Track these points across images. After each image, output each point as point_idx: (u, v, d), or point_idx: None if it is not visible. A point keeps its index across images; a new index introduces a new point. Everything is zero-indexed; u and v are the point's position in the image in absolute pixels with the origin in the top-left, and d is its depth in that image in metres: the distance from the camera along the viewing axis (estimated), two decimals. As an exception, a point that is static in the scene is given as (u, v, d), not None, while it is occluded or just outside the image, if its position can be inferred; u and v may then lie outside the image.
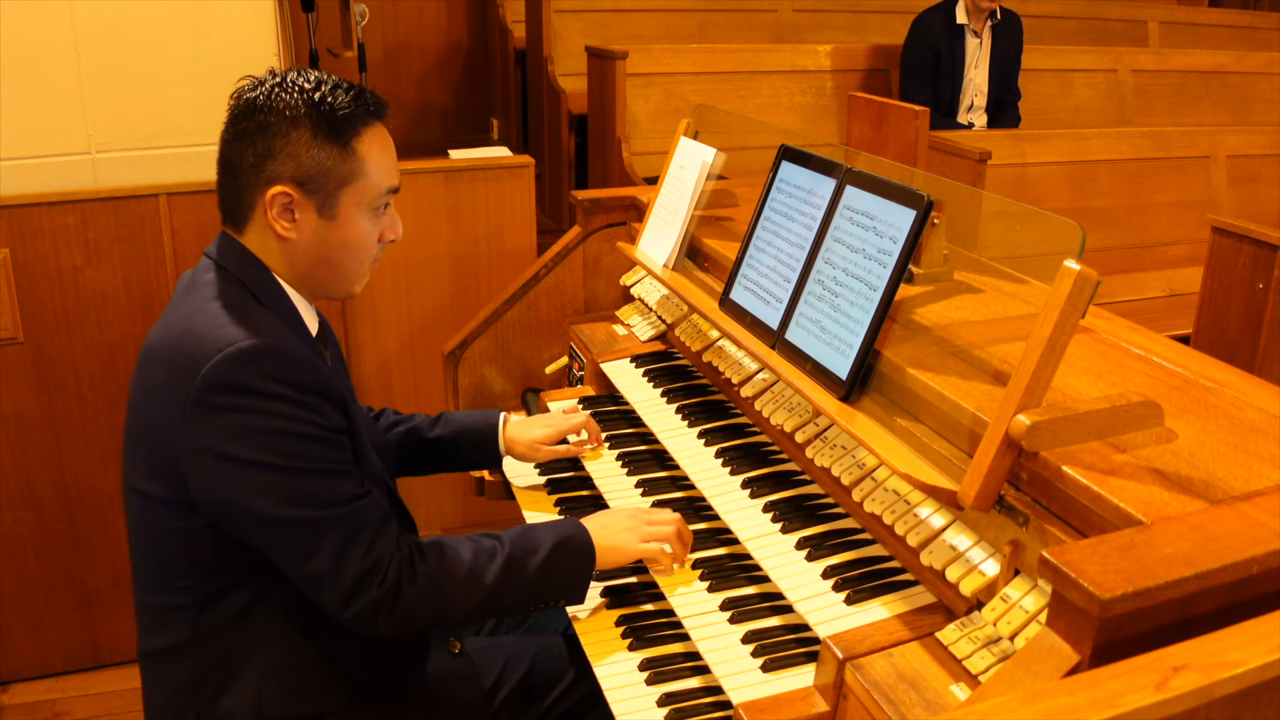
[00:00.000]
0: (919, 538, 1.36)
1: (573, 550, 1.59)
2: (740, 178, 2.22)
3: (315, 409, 1.40)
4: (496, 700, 1.70)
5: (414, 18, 6.04)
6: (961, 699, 1.19)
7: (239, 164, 1.46)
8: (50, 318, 2.62)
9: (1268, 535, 0.96)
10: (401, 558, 1.46)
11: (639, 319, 2.34)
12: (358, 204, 1.49)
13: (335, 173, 1.46)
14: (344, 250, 1.51)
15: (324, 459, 1.41)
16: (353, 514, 1.42)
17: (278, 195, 1.44)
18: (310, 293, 1.56)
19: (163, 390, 1.40)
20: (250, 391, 1.35)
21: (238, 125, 1.46)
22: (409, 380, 3.06)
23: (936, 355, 1.47)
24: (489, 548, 1.54)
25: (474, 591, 1.50)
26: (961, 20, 4.62)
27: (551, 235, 3.24)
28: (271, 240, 1.48)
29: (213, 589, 1.46)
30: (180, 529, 1.43)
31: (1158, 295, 3.90)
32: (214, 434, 1.35)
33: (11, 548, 2.74)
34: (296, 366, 1.39)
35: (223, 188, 1.51)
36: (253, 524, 1.39)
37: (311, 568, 1.40)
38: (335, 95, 1.46)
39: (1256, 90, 5.36)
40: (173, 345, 1.41)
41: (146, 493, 1.45)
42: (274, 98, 1.45)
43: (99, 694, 2.82)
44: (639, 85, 4.41)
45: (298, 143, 1.43)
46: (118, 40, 2.53)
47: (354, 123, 1.47)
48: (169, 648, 1.49)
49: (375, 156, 1.49)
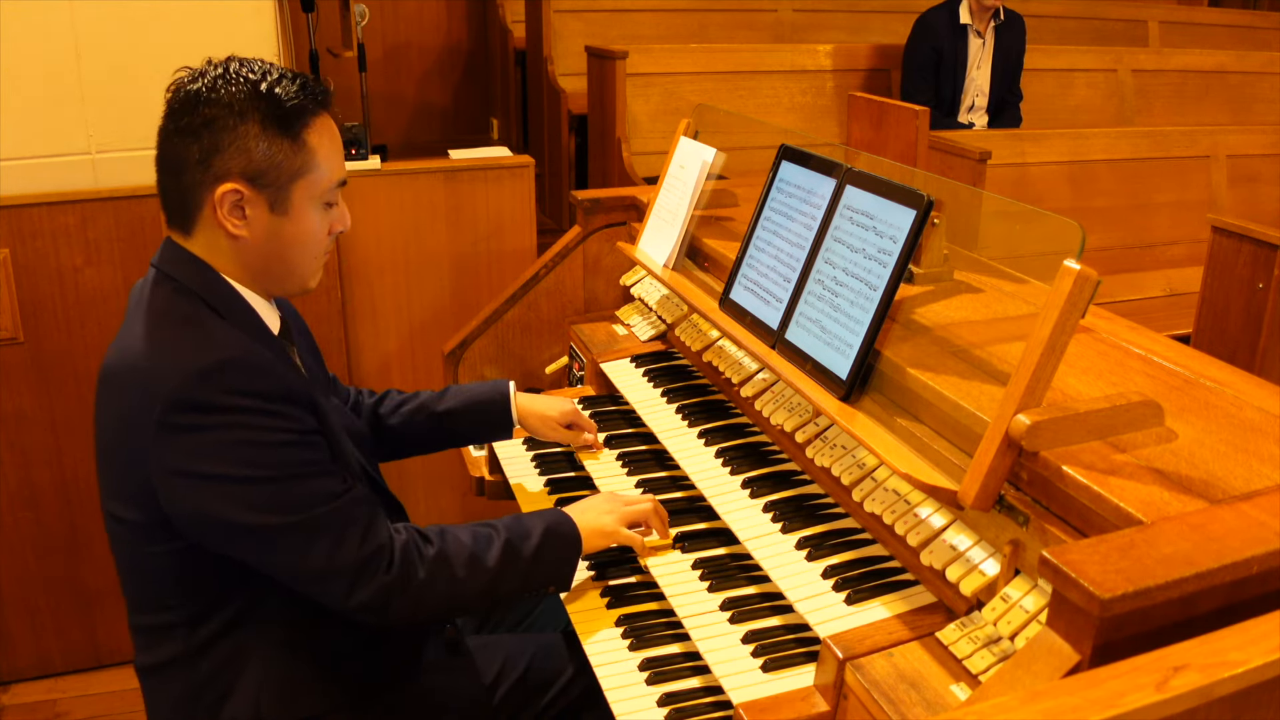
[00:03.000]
0: (919, 537, 1.36)
1: (561, 536, 1.62)
2: (740, 178, 2.22)
3: (284, 415, 1.37)
4: (495, 698, 1.70)
5: (414, 18, 6.03)
6: (962, 699, 1.19)
7: (183, 161, 1.39)
8: (50, 318, 2.62)
9: (1268, 535, 0.96)
10: (405, 541, 1.46)
11: (639, 319, 2.34)
12: (309, 198, 1.44)
13: (286, 166, 1.40)
14: (297, 245, 1.46)
15: (299, 463, 1.39)
16: (339, 510, 1.41)
17: (228, 193, 1.38)
18: (265, 291, 1.51)
19: (125, 415, 1.37)
20: (214, 409, 1.32)
21: (179, 120, 1.39)
22: (409, 380, 3.06)
23: (936, 355, 1.47)
24: (485, 533, 1.56)
25: (478, 573, 1.51)
26: (965, 20, 4.62)
27: (551, 235, 3.25)
28: (222, 240, 1.43)
29: (202, 605, 1.45)
30: (160, 551, 1.41)
31: (1158, 295, 3.90)
32: (184, 455, 1.33)
33: (11, 548, 2.74)
34: (258, 376, 1.36)
35: (165, 188, 1.44)
36: (239, 538, 1.37)
37: (309, 568, 1.39)
38: (282, 85, 1.40)
39: (1256, 90, 5.35)
40: (130, 367, 1.38)
41: (122, 518, 1.43)
42: (218, 89, 1.38)
43: (99, 694, 2.82)
44: (639, 85, 4.41)
45: (246, 136, 1.37)
46: (118, 40, 2.53)
47: (303, 114, 1.41)
48: (165, 663, 1.48)
49: (325, 148, 1.45)
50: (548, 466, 2.07)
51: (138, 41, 2.54)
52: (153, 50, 2.56)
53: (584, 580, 1.71)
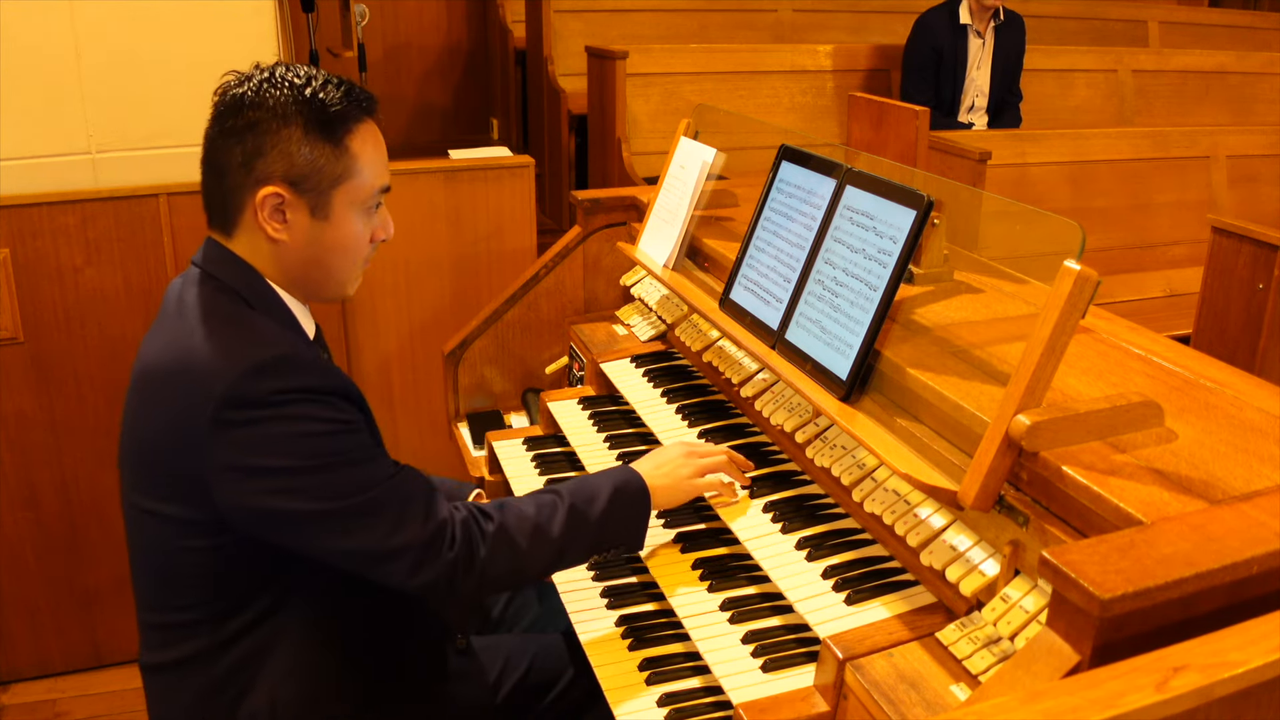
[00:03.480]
0: (919, 538, 1.36)
1: (630, 495, 1.60)
2: (740, 178, 2.22)
3: (334, 406, 1.38)
4: (497, 699, 1.70)
5: (414, 18, 6.04)
6: (961, 699, 1.19)
7: (226, 164, 1.41)
8: (50, 318, 2.62)
9: (1268, 535, 0.96)
10: (466, 518, 1.46)
11: (639, 319, 2.34)
12: (350, 203, 1.46)
13: (328, 172, 1.42)
14: (337, 251, 1.48)
15: (353, 448, 1.40)
16: (396, 488, 1.41)
17: (269, 196, 1.40)
18: (303, 295, 1.52)
19: (172, 413, 1.37)
20: (267, 403, 1.33)
21: (224, 123, 1.41)
22: (409, 380, 3.06)
23: (936, 355, 1.47)
24: (549, 500, 1.55)
25: (543, 544, 1.51)
26: (965, 20, 4.62)
27: (551, 235, 3.25)
28: (262, 243, 1.44)
29: (231, 601, 1.44)
30: (199, 547, 1.40)
31: (1158, 295, 3.90)
32: (240, 450, 1.33)
33: (11, 548, 2.74)
34: (308, 371, 1.37)
35: (208, 190, 1.46)
36: (298, 527, 1.37)
37: (372, 549, 1.38)
38: (326, 91, 1.42)
39: (1256, 90, 5.35)
40: (178, 367, 1.37)
41: (159, 513, 1.41)
42: (263, 93, 1.40)
43: (99, 694, 2.82)
44: (639, 85, 4.41)
45: (289, 140, 1.39)
46: (118, 40, 2.53)
47: (346, 119, 1.43)
48: (182, 660, 1.47)
49: (368, 154, 1.46)
50: (548, 466, 2.07)
51: (138, 41, 2.54)
52: (153, 50, 2.56)
53: (584, 580, 1.71)
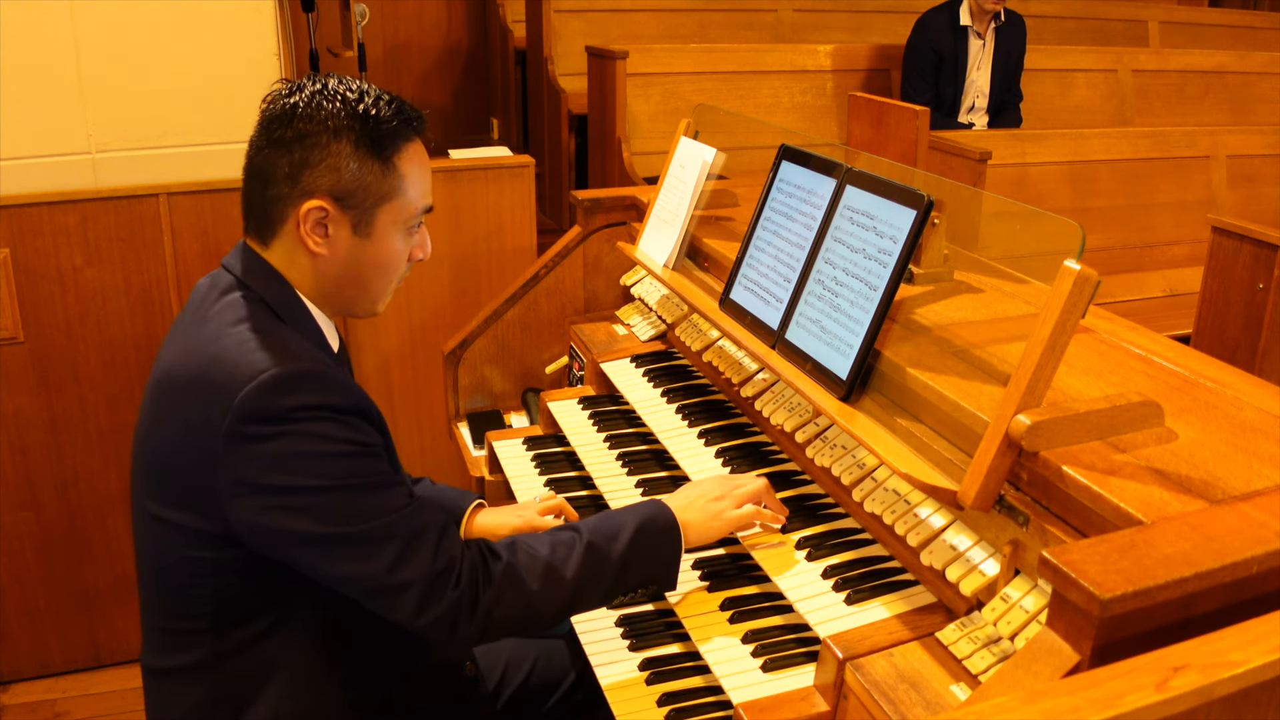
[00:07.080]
0: (919, 538, 1.36)
1: (657, 532, 1.51)
2: (740, 178, 2.22)
3: (353, 426, 1.34)
4: (499, 703, 1.70)
5: (414, 18, 6.04)
6: (961, 699, 1.19)
7: (272, 173, 1.38)
8: (50, 318, 2.62)
9: (1268, 535, 0.96)
10: (473, 556, 1.40)
11: (639, 319, 2.34)
12: (393, 222, 1.42)
13: (374, 189, 1.39)
14: (375, 269, 1.44)
15: (369, 472, 1.35)
16: (409, 519, 1.36)
17: (313, 209, 1.37)
18: (334, 310, 1.49)
19: (190, 421, 1.33)
20: (285, 419, 1.29)
21: (272, 132, 1.38)
22: (409, 380, 3.06)
23: (936, 355, 1.47)
24: (566, 539, 1.47)
25: (556, 585, 1.43)
26: (965, 21, 4.62)
27: (551, 235, 3.24)
28: (300, 255, 1.41)
29: (233, 614, 1.41)
30: (206, 558, 1.37)
31: (1158, 295, 3.90)
32: (254, 466, 1.29)
33: (11, 548, 2.74)
34: (330, 388, 1.33)
35: (250, 197, 1.43)
36: (306, 548, 1.32)
37: (373, 578, 1.33)
38: (379, 107, 1.39)
39: (1256, 90, 5.35)
40: (199, 374, 1.33)
41: (169, 520, 1.38)
42: (315, 105, 1.37)
43: (99, 694, 2.82)
44: (639, 85, 4.41)
45: (338, 155, 1.36)
46: (118, 40, 2.53)
47: (396, 138, 1.40)
48: (185, 667, 1.44)
49: (415, 174, 1.43)
50: (548, 466, 2.07)
51: (137, 41, 2.54)
52: (153, 50, 2.55)
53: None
